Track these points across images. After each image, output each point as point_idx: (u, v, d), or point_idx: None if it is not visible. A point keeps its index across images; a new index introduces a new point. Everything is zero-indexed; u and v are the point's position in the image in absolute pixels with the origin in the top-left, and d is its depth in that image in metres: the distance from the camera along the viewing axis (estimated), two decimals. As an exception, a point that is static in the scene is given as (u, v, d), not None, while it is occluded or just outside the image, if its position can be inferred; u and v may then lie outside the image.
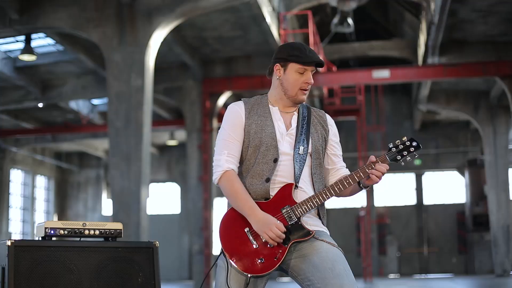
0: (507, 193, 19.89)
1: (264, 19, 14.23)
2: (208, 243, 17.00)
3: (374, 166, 2.88)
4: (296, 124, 2.99)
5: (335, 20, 19.53)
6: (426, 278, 22.67)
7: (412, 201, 26.57)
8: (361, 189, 2.97)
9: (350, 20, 19.41)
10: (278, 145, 2.91)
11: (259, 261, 2.78)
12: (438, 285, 16.61)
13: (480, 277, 20.97)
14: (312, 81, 2.98)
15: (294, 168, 2.89)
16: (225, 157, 2.92)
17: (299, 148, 2.92)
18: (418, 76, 17.68)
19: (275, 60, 3.00)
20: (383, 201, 26.32)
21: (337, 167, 3.06)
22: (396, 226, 26.04)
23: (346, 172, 3.05)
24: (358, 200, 23.65)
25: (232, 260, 2.81)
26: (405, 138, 2.91)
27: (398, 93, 26.12)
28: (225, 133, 2.96)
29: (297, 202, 2.84)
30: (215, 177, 2.94)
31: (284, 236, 2.76)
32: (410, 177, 26.74)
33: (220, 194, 25.74)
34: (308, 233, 2.81)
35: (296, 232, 2.80)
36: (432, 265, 25.69)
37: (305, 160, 2.93)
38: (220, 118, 19.38)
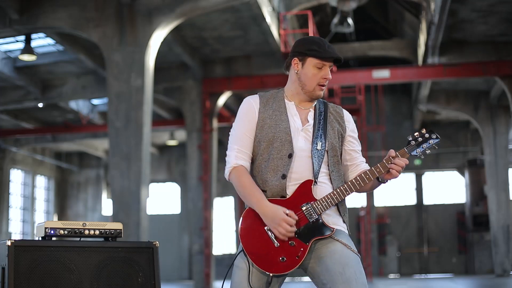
0: (507, 193, 19.89)
1: (264, 19, 14.24)
2: (208, 243, 17.00)
3: (394, 160, 2.83)
4: (313, 120, 2.94)
5: (335, 20, 19.53)
6: (426, 278, 22.67)
7: (412, 201, 26.56)
8: (380, 183, 2.91)
9: (350, 20, 19.41)
10: (293, 141, 2.87)
11: (280, 260, 2.75)
12: (438, 285, 16.61)
13: (480, 277, 20.96)
14: (330, 76, 2.94)
15: (313, 164, 2.84)
16: (235, 152, 2.89)
17: (317, 143, 2.87)
18: (418, 76, 17.68)
19: (293, 54, 2.96)
20: (383, 201, 26.32)
21: (357, 163, 3.00)
22: (396, 226, 26.04)
23: (366, 167, 2.99)
24: (358, 200, 23.65)
25: (254, 260, 2.77)
26: (424, 131, 2.88)
27: (398, 93, 26.12)
28: (237, 128, 2.93)
29: (317, 198, 2.80)
30: (226, 173, 2.93)
31: (294, 229, 2.73)
32: (410, 177, 26.74)
33: (220, 194, 25.79)
34: (329, 230, 2.77)
35: (317, 230, 2.77)
36: (432, 265, 25.69)
37: (323, 156, 2.88)
38: (220, 118, 19.40)
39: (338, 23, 19.49)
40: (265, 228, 2.79)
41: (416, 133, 2.89)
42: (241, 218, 2.88)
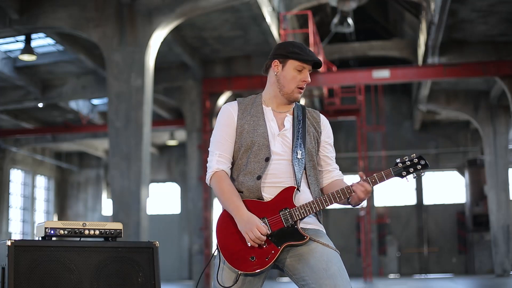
0: (507, 193, 19.89)
1: (264, 19, 14.24)
2: (208, 243, 17.00)
3: (360, 183, 2.85)
4: (291, 128, 2.98)
5: (335, 20, 19.54)
6: (426, 278, 22.67)
7: (412, 201, 26.56)
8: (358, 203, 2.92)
9: (350, 20, 19.42)
10: (270, 145, 2.92)
11: (250, 259, 2.79)
12: (438, 285, 16.61)
13: (480, 277, 20.97)
14: (309, 79, 2.97)
15: (295, 172, 2.89)
16: (216, 157, 2.96)
17: (297, 152, 2.92)
18: (418, 76, 17.68)
19: (273, 56, 2.99)
20: (383, 201, 26.32)
21: (329, 169, 3.05)
22: (396, 226, 26.04)
23: (339, 174, 3.06)
24: (358, 200, 23.61)
25: (225, 256, 2.83)
26: (413, 155, 2.90)
27: (398, 93, 26.12)
28: (217, 133, 3.00)
29: (296, 205, 2.84)
30: (207, 178, 2.99)
31: (264, 238, 2.77)
32: (410, 177, 26.69)
33: (220, 194, 25.74)
34: (303, 237, 2.81)
35: (291, 235, 2.81)
36: (432, 265, 25.69)
37: (304, 164, 2.93)
38: (220, 118, 19.38)
39: (338, 23, 19.49)
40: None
41: (405, 157, 2.92)
42: (219, 216, 2.93)
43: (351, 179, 2.99)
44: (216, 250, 2.91)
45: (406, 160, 2.90)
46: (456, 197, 26.18)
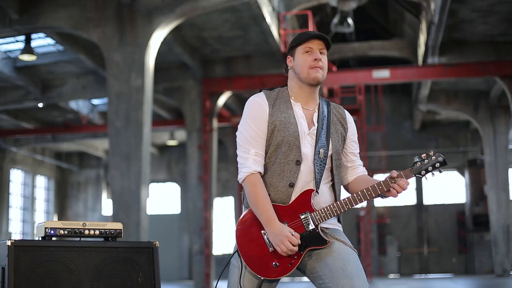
0: (507, 193, 19.89)
1: (264, 19, 14.24)
2: (208, 243, 17.00)
3: (398, 181, 2.82)
4: (316, 124, 2.91)
5: (335, 20, 19.53)
6: (426, 278, 22.67)
7: (412, 201, 26.55)
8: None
9: (350, 20, 19.41)
10: (301, 146, 2.84)
11: (273, 265, 2.77)
12: (438, 285, 16.61)
13: (480, 277, 20.96)
14: (320, 56, 2.90)
15: (315, 173, 2.83)
16: (253, 156, 2.83)
17: (319, 151, 2.85)
18: (418, 76, 17.68)
19: (286, 55, 3.01)
20: (383, 201, 26.31)
21: (355, 166, 3.02)
22: (396, 226, 26.04)
23: (363, 171, 3.02)
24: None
25: (247, 262, 2.79)
26: (431, 153, 2.87)
27: (398, 93, 26.12)
28: (250, 129, 2.86)
29: (316, 209, 2.80)
30: (241, 177, 2.86)
31: (296, 249, 2.73)
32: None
33: (220, 194, 25.80)
34: (325, 242, 2.77)
35: (312, 240, 2.78)
36: (432, 265, 25.69)
37: (325, 164, 2.87)
38: (220, 118, 19.39)
39: (338, 23, 19.49)
40: (262, 232, 2.80)
41: (423, 154, 2.88)
42: (240, 218, 2.89)
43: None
44: (236, 254, 2.86)
45: (424, 158, 2.86)
46: (456, 197, 26.18)
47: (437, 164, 2.86)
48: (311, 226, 2.77)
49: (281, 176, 2.83)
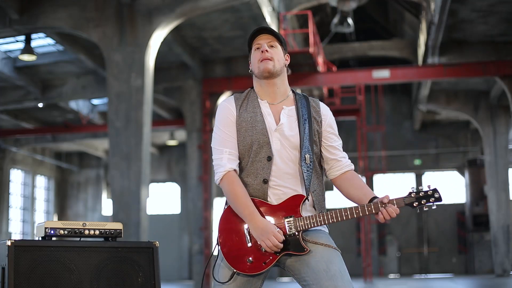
0: (507, 193, 19.89)
1: (264, 19, 14.24)
2: (208, 243, 17.00)
3: (387, 207, 2.81)
4: (297, 128, 2.87)
5: (335, 20, 19.54)
6: (426, 278, 22.67)
7: (412, 201, 26.52)
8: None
9: (350, 20, 19.42)
10: (271, 143, 2.83)
11: (247, 260, 2.76)
12: (438, 285, 16.61)
13: (480, 277, 20.97)
14: (266, 48, 2.89)
15: (304, 179, 2.81)
16: (227, 155, 2.84)
17: (305, 158, 2.83)
18: (418, 76, 17.69)
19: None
20: (383, 201, 26.28)
21: (337, 158, 2.93)
22: (396, 226, 26.04)
23: (349, 164, 2.95)
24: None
25: (224, 253, 2.80)
26: (428, 187, 2.83)
27: (398, 93, 26.13)
28: (221, 132, 2.88)
29: (302, 215, 2.78)
30: (217, 177, 2.87)
31: (281, 246, 2.72)
32: (410, 177, 26.74)
33: (220, 194, 25.74)
34: (303, 250, 2.75)
35: (291, 245, 2.76)
36: (432, 265, 25.69)
37: (312, 169, 2.85)
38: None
39: (338, 23, 19.50)
40: (244, 226, 2.80)
41: (421, 187, 2.85)
42: (223, 211, 2.89)
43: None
44: (217, 246, 2.87)
45: (421, 190, 2.83)
46: (456, 197, 26.18)
47: (432, 199, 2.82)
48: (293, 231, 2.75)
49: (255, 174, 2.83)
